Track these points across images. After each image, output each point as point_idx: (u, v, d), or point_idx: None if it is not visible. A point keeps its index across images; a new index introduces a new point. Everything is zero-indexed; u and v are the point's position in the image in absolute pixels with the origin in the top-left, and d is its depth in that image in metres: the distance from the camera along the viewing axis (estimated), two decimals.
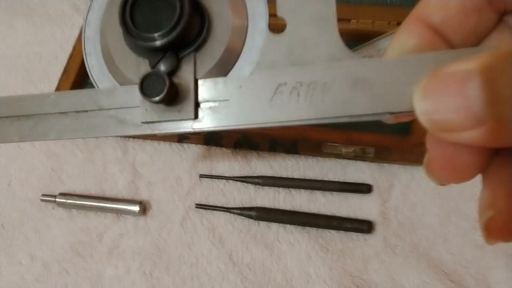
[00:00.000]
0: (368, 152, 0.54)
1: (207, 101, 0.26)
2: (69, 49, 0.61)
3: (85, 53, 0.29)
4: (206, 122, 0.26)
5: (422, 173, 0.54)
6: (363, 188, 0.54)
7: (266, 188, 0.55)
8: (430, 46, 0.22)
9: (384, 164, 0.56)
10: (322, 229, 0.52)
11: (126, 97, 0.27)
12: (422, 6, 0.23)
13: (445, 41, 0.23)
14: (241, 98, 0.26)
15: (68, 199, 0.55)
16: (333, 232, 0.52)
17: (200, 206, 0.54)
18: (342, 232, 0.52)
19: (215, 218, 0.53)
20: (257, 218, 0.52)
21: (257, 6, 0.28)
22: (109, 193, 0.56)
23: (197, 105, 0.26)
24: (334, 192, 0.54)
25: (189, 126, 0.26)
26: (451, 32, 0.22)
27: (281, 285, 0.49)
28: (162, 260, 0.51)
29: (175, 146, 0.58)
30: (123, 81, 0.28)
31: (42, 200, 0.55)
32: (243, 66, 0.27)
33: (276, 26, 0.27)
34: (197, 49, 0.27)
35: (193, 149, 0.58)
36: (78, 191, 0.56)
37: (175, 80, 0.26)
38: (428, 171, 0.23)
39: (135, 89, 0.26)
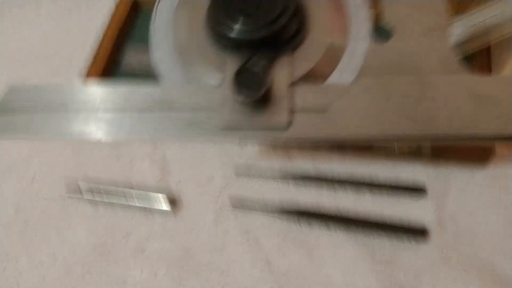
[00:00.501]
0: (424, 150, 0.48)
1: (303, 108, 0.23)
2: (95, 36, 0.58)
3: (152, 45, 0.27)
4: (299, 131, 0.23)
5: (483, 175, 0.48)
6: (416, 192, 0.48)
7: (309, 187, 0.50)
8: None
9: (440, 164, 0.49)
10: (368, 233, 0.46)
11: (204, 97, 0.23)
12: None
13: None
14: (342, 107, 0.22)
15: (96, 196, 0.51)
16: (381, 237, 0.46)
17: (237, 205, 0.49)
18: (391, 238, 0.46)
19: (251, 220, 0.48)
20: (298, 221, 0.47)
21: (361, 9, 0.25)
22: (137, 190, 0.52)
23: (290, 111, 0.23)
24: (385, 194, 0.48)
25: (280, 135, 0.23)
26: None
27: None
28: (191, 265, 0.46)
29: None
30: (198, 79, 0.25)
31: (67, 195, 0.51)
32: (343, 72, 0.24)
33: (383, 32, 0.24)
34: (294, 52, 0.24)
35: (229, 143, 0.53)
36: (104, 188, 0.52)
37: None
38: None
39: (216, 90, 0.23)
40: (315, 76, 0.24)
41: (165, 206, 0.49)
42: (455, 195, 0.48)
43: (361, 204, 0.48)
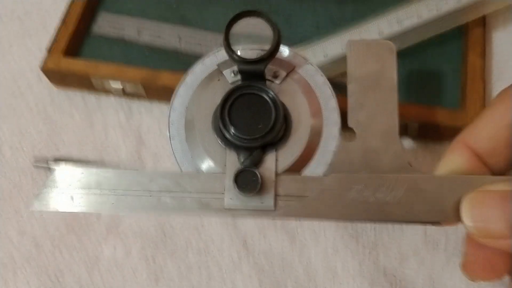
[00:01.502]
0: (410, 128, 0.46)
1: (286, 194, 0.30)
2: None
3: (170, 136, 0.32)
4: (283, 213, 0.29)
5: None
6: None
7: None
8: (474, 170, 0.27)
9: (429, 143, 0.47)
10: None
11: (211, 183, 0.30)
12: (470, 132, 0.27)
13: (487, 166, 0.27)
14: (317, 195, 0.29)
15: (67, 162, 0.48)
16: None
17: None
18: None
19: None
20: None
21: (331, 115, 0.32)
22: (109, 163, 0.49)
23: (276, 197, 0.29)
24: None
25: (268, 215, 0.30)
26: (494, 160, 0.26)
27: (303, 281, 0.42)
28: (167, 244, 0.45)
29: None
30: (206, 167, 0.31)
31: (34, 166, 0.48)
32: (317, 167, 0.31)
33: (348, 134, 0.31)
34: (279, 148, 0.31)
35: None
36: (75, 158, 0.49)
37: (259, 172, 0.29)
38: (466, 270, 0.27)
39: (220, 177, 0.30)
40: (294, 169, 0.31)
41: None
42: None
43: None
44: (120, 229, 0.46)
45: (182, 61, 0.51)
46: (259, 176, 0.29)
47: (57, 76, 0.52)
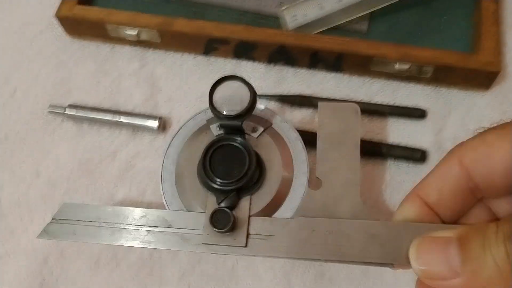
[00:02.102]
0: (425, 71, 0.46)
1: (256, 233, 0.34)
2: None
3: (162, 180, 0.38)
4: (253, 250, 0.34)
5: (485, 99, 0.47)
6: (416, 113, 0.47)
7: (304, 109, 0.48)
8: (425, 218, 0.30)
9: (442, 88, 0.48)
10: (366, 157, 0.45)
11: (192, 221, 0.35)
12: (422, 186, 0.31)
13: (437, 215, 0.30)
14: (283, 235, 0.34)
15: (79, 111, 0.48)
16: (379, 161, 0.45)
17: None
18: (389, 161, 0.45)
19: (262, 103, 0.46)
20: None
21: (301, 166, 0.37)
22: (123, 108, 0.49)
23: (247, 236, 0.34)
24: (382, 117, 0.47)
25: (239, 252, 0.34)
26: (442, 210, 0.30)
27: None
28: None
29: (201, 59, 0.51)
30: (189, 207, 0.36)
31: (49, 112, 0.49)
32: (286, 210, 0.35)
33: (315, 183, 0.36)
34: (253, 193, 0.36)
35: (221, 63, 0.51)
36: (89, 104, 0.50)
37: (234, 213, 0.34)
38: None
39: (201, 216, 0.35)
40: (266, 212, 0.35)
41: (153, 124, 0.47)
42: (456, 119, 0.46)
43: None
44: (135, 170, 0.46)
45: (195, 11, 0.51)
46: (231, 215, 0.33)
47: (71, 24, 0.52)
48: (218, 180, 0.35)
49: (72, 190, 0.45)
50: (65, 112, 0.48)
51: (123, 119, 0.47)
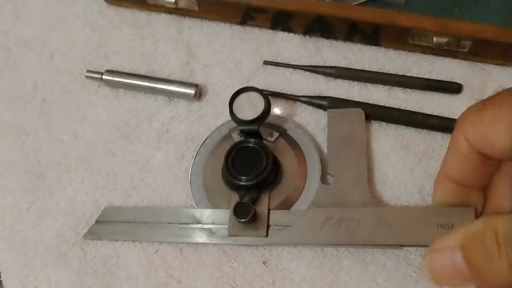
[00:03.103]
0: (463, 45, 0.46)
1: (276, 225, 0.39)
2: None
3: (190, 183, 0.43)
4: (273, 239, 0.39)
5: None
6: (453, 87, 0.47)
7: (339, 81, 0.48)
8: (460, 196, 0.34)
9: (478, 63, 0.48)
10: (402, 126, 0.45)
11: (218, 217, 0.40)
12: (445, 167, 0.34)
13: (469, 187, 0.34)
14: (300, 225, 0.39)
15: (116, 77, 0.49)
16: (415, 130, 0.45)
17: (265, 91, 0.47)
18: (425, 131, 0.45)
19: (278, 107, 0.47)
20: (330, 108, 0.45)
21: (314, 164, 0.42)
22: (159, 74, 0.50)
23: (268, 227, 0.39)
24: (418, 90, 0.47)
25: (261, 241, 0.39)
26: (472, 182, 0.33)
27: None
28: None
29: (237, 28, 0.51)
30: (215, 206, 0.41)
31: (87, 77, 0.49)
32: (302, 203, 0.41)
33: (326, 179, 0.42)
34: (272, 189, 0.41)
35: (257, 33, 0.51)
36: (125, 69, 0.50)
37: (255, 207, 0.39)
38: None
39: (226, 213, 0.40)
40: (284, 205, 0.40)
41: (189, 90, 0.47)
42: (491, 94, 0.46)
43: (394, 99, 0.47)
44: (171, 134, 0.47)
45: None
46: (252, 207, 0.38)
47: None
48: (239, 177, 0.39)
49: (110, 153, 0.46)
50: (103, 78, 0.49)
51: (160, 85, 0.48)
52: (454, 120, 0.44)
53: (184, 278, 0.41)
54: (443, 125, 0.44)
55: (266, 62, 0.49)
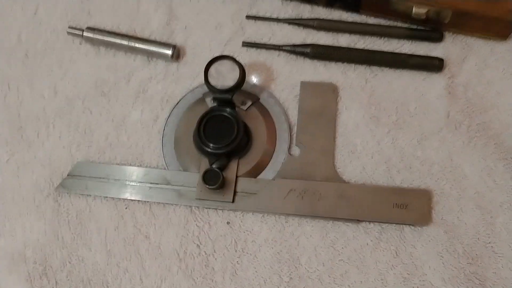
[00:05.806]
0: (443, 16, 0.45)
1: (242, 191, 0.41)
2: None
3: (162, 144, 0.44)
4: (239, 205, 0.41)
5: (502, 48, 0.46)
6: (435, 35, 0.47)
7: (322, 33, 0.48)
8: None
9: (459, 35, 0.47)
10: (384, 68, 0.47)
11: (188, 179, 0.42)
12: None
13: None
14: (265, 193, 0.41)
15: (97, 35, 0.49)
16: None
17: (248, 44, 0.48)
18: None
19: (262, 58, 0.48)
20: (313, 55, 0.46)
21: (283, 134, 0.43)
22: (140, 33, 0.50)
23: (235, 193, 0.41)
24: (401, 39, 0.48)
25: (227, 206, 0.41)
26: None
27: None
28: None
29: None
30: (185, 168, 0.43)
31: (69, 33, 0.50)
32: (268, 173, 0.42)
33: (294, 150, 0.43)
34: (240, 157, 0.42)
35: None
36: (107, 27, 0.50)
37: (223, 174, 0.40)
38: None
39: (195, 176, 0.41)
40: (252, 173, 0.42)
41: (167, 50, 0.47)
42: (472, 66, 0.46)
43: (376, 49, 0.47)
44: (148, 94, 0.47)
45: None
46: (220, 174, 0.40)
47: None
48: (210, 144, 0.40)
49: (87, 110, 0.47)
50: (83, 35, 0.49)
51: (138, 44, 0.48)
52: (436, 58, 0.45)
53: (151, 233, 0.43)
54: (425, 63, 0.45)
55: (248, 17, 0.49)
